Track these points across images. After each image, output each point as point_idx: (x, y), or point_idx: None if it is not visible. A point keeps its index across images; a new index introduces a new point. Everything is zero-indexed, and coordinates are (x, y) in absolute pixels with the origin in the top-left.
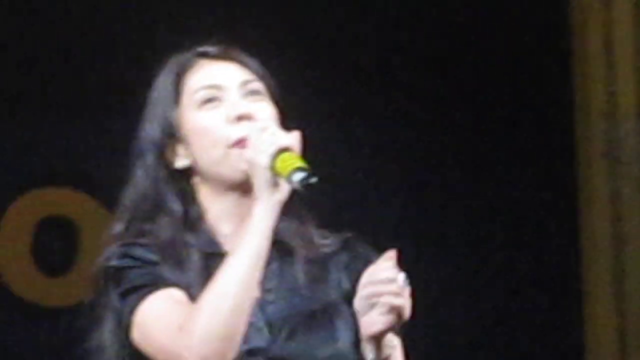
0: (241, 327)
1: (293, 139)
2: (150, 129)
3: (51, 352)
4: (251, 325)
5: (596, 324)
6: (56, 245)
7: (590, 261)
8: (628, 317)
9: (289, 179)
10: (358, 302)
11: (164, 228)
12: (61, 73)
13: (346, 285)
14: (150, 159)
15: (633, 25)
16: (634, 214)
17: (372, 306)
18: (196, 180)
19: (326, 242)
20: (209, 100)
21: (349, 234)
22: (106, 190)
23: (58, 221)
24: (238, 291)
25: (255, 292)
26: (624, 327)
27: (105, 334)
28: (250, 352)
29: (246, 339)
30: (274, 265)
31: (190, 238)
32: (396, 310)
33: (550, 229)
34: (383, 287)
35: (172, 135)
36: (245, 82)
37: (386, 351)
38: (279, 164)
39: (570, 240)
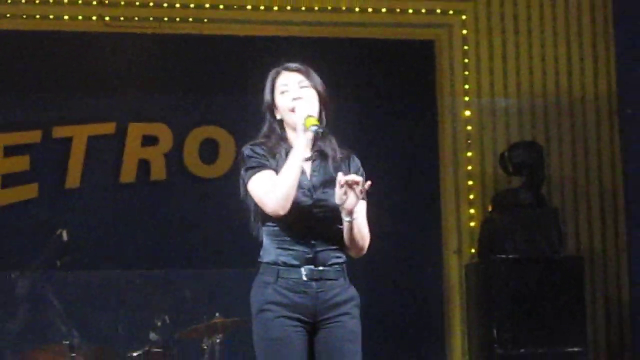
0: (293, 191)
1: (313, 110)
2: (265, 102)
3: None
4: (304, 186)
5: None
6: None
7: None
8: None
9: (310, 129)
10: (339, 190)
11: (271, 141)
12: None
13: (347, 173)
14: (268, 114)
15: None
16: None
17: (346, 192)
18: (283, 124)
19: (341, 153)
20: (282, 92)
21: (350, 151)
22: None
23: None
24: (289, 173)
25: (298, 175)
26: None
27: (243, 192)
28: (298, 201)
29: (299, 194)
30: (317, 161)
31: (280, 147)
32: (359, 195)
33: None
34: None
35: (272, 106)
36: (300, 81)
37: (354, 215)
38: (306, 122)
39: None
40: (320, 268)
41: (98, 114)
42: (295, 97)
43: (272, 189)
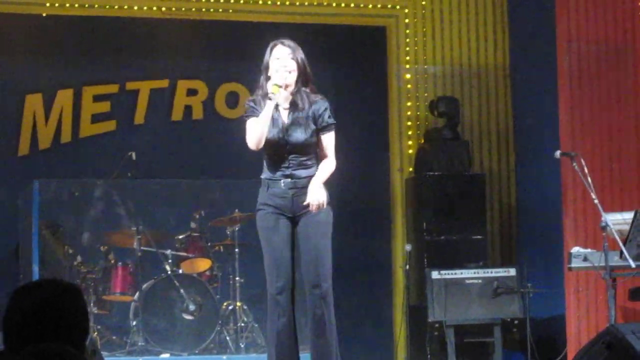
0: (261, 132)
1: (282, 80)
2: (264, 63)
3: None
4: (277, 125)
5: None
6: None
7: None
8: None
9: (270, 95)
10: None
11: (259, 95)
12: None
13: (313, 113)
14: (264, 75)
15: None
16: None
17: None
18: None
19: (312, 101)
20: (277, 58)
21: (321, 97)
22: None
23: None
24: (260, 122)
25: (266, 121)
26: None
27: None
28: (271, 139)
29: (272, 132)
30: (290, 109)
31: (264, 100)
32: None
33: None
34: None
35: (266, 67)
36: (289, 53)
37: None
38: (273, 89)
39: None
40: (295, 180)
41: (157, 73)
42: (284, 65)
43: (248, 134)
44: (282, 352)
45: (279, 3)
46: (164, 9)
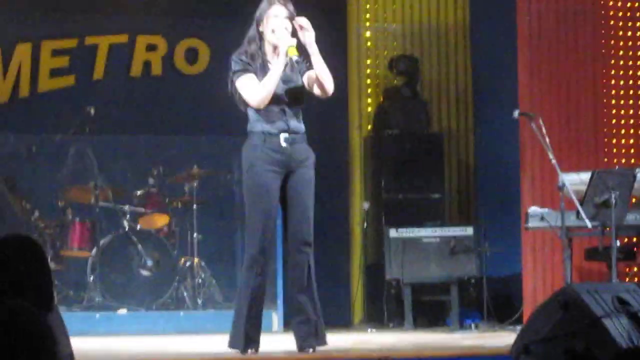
0: (271, 91)
1: (294, 41)
2: (257, 16)
3: None
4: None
5: None
6: None
7: None
8: None
9: (290, 56)
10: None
11: (252, 48)
12: None
13: (302, 70)
14: (255, 25)
15: None
16: None
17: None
18: (263, 36)
19: (300, 58)
20: (275, 16)
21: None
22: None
23: None
24: (272, 79)
25: (276, 82)
26: None
27: (231, 87)
28: (274, 94)
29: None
30: (288, 70)
31: (258, 55)
32: (308, 31)
33: None
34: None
35: (260, 21)
36: (287, 14)
37: (313, 49)
38: (288, 50)
39: None
40: (293, 135)
41: (117, 27)
42: (281, 23)
43: (255, 91)
44: (255, 309)
45: None
46: None
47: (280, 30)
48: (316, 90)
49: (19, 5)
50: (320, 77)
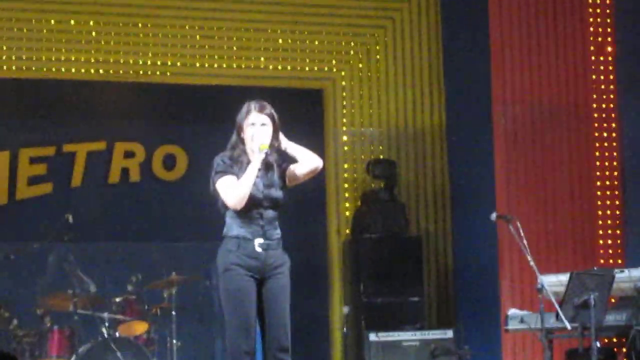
0: (248, 190)
1: (266, 140)
2: (237, 123)
3: None
4: (258, 186)
5: None
6: None
7: None
8: None
9: (262, 152)
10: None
11: (236, 152)
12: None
13: (278, 171)
14: (236, 132)
15: None
16: None
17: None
18: (244, 142)
19: (280, 160)
20: (252, 124)
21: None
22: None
23: None
24: (248, 180)
25: (253, 180)
26: None
27: (212, 188)
28: (253, 197)
29: (254, 191)
30: (264, 169)
31: (242, 157)
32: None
33: None
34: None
35: (240, 128)
36: (264, 118)
37: (285, 145)
38: (260, 147)
39: None
40: (268, 241)
41: (94, 136)
42: (258, 129)
43: (233, 191)
44: None
45: (216, 66)
46: (101, 71)
47: (257, 135)
48: (306, 173)
49: None
50: (302, 159)
